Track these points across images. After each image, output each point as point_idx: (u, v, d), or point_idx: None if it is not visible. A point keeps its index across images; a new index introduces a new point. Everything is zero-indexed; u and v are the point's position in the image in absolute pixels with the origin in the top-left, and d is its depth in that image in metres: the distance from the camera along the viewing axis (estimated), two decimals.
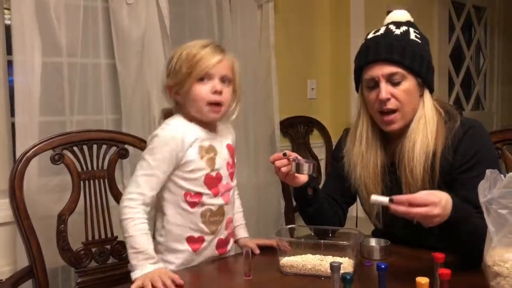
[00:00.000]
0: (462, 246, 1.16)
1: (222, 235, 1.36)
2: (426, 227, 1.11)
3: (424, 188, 1.25)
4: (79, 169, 1.65)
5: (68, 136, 1.65)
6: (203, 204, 1.31)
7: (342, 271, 0.96)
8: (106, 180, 1.70)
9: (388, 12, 3.21)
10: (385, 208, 1.35)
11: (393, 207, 1.08)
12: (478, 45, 4.29)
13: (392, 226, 1.37)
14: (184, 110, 1.34)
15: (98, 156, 1.70)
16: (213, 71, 1.26)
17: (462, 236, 1.13)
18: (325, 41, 3.03)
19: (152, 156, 1.26)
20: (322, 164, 2.99)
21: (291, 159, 1.27)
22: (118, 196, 1.70)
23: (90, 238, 1.66)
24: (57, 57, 1.96)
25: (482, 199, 0.95)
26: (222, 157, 1.35)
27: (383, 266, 0.99)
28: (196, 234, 1.32)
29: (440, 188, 1.23)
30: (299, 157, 1.29)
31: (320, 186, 1.46)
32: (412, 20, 1.37)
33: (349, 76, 2.93)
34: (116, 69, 2.11)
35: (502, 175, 0.94)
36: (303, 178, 1.33)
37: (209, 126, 1.35)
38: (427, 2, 3.55)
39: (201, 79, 1.26)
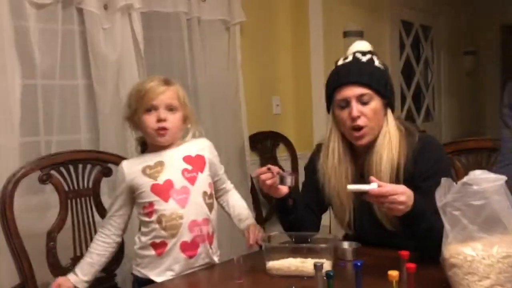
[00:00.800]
0: (421, 241, 1.33)
1: (186, 237, 1.46)
2: (391, 215, 1.30)
3: None
4: (66, 189, 1.73)
5: (56, 157, 1.74)
6: (156, 211, 1.46)
7: (324, 270, 1.11)
8: (91, 198, 1.79)
9: (345, 33, 3.47)
10: (355, 215, 1.53)
11: (371, 191, 1.24)
12: (426, 61, 4.62)
13: (361, 232, 1.54)
14: (144, 137, 1.55)
15: (84, 175, 1.78)
16: (157, 102, 1.46)
17: (421, 231, 1.30)
18: (287, 60, 3.22)
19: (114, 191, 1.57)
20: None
21: (275, 173, 1.42)
22: (103, 213, 1.79)
23: (78, 254, 1.74)
24: (36, 80, 2.04)
25: (439, 204, 1.12)
26: (173, 167, 1.50)
27: (359, 264, 1.14)
28: (158, 240, 1.47)
29: None
30: (281, 171, 1.44)
31: None
32: (372, 49, 1.56)
33: (310, 92, 3.17)
34: (92, 90, 2.20)
35: (454, 183, 1.12)
36: (284, 189, 1.47)
37: (162, 148, 1.53)
38: (379, 22, 3.81)
39: (148, 110, 1.46)
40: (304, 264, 1.30)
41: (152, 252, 1.48)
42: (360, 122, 1.44)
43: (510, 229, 1.07)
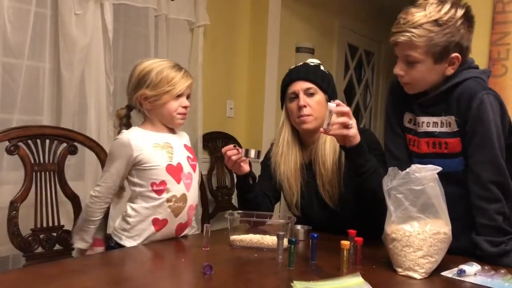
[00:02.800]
0: (365, 183, 1.51)
1: (183, 220, 1.59)
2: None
3: (333, 178, 1.67)
4: (32, 161, 1.78)
5: (25, 129, 1.78)
6: (168, 191, 1.54)
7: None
8: (56, 173, 1.85)
9: (298, 48, 3.72)
10: (303, 197, 1.73)
11: (331, 108, 1.44)
12: (367, 84, 4.98)
13: (308, 213, 1.74)
14: (148, 115, 1.60)
15: (50, 150, 1.84)
16: (184, 91, 1.61)
17: (367, 171, 1.49)
18: (243, 68, 3.40)
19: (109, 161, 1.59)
20: (235, 177, 3.29)
21: (240, 150, 1.60)
22: (66, 188, 1.86)
23: (39, 226, 1.78)
24: (4, 58, 2.07)
25: (385, 188, 1.32)
26: (181, 152, 1.62)
27: (315, 235, 1.32)
28: (161, 217, 1.55)
29: (346, 175, 1.65)
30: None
31: None
32: (321, 63, 1.82)
33: (263, 99, 3.37)
34: (59, 74, 2.25)
35: (399, 171, 1.32)
36: (246, 168, 1.66)
37: (167, 128, 1.64)
38: (328, 43, 4.10)
39: (177, 96, 1.59)
40: (264, 239, 1.46)
41: (151, 227, 1.54)
42: (306, 111, 1.69)
43: (440, 212, 1.28)
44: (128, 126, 1.65)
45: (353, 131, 1.46)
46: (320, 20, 3.94)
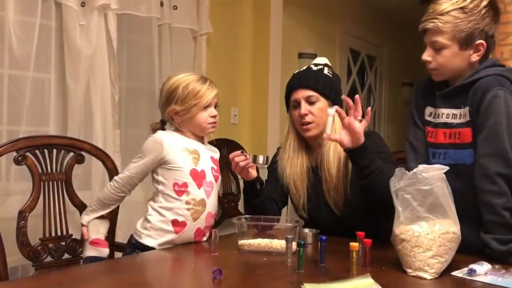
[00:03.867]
0: (370, 183, 1.52)
1: (201, 225, 1.61)
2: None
3: (338, 185, 1.67)
4: (40, 171, 1.79)
5: (32, 139, 1.79)
6: (188, 193, 1.58)
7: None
8: (63, 182, 1.86)
9: (300, 54, 3.74)
10: (310, 201, 1.73)
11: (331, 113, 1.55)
12: (370, 88, 4.99)
13: (315, 217, 1.74)
14: (180, 128, 1.67)
15: (58, 160, 1.85)
16: (211, 102, 1.65)
17: (372, 173, 1.51)
18: (247, 74, 3.41)
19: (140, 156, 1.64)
20: (241, 184, 3.29)
21: (247, 156, 1.61)
22: (73, 197, 1.87)
23: (47, 235, 1.79)
24: (11, 70, 2.09)
25: (393, 189, 1.32)
26: (207, 161, 1.66)
27: (324, 238, 1.32)
28: (180, 219, 1.58)
29: (353, 181, 1.65)
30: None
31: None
32: (329, 63, 1.82)
33: (267, 105, 3.37)
34: (65, 84, 2.27)
35: (406, 171, 1.32)
36: (254, 173, 1.67)
37: (197, 138, 1.70)
38: (330, 48, 4.12)
39: (205, 107, 1.64)
40: (272, 243, 1.46)
41: (170, 227, 1.58)
42: (308, 119, 1.70)
43: (449, 211, 1.28)
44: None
45: (359, 127, 1.50)
46: (322, 26, 3.96)
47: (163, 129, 1.70)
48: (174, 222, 1.58)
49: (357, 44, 4.57)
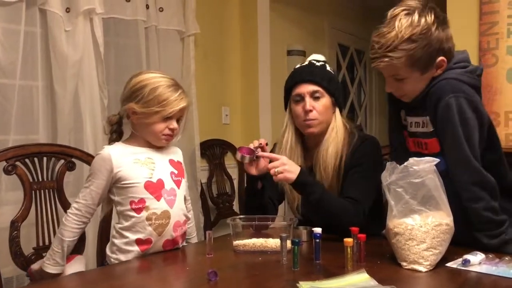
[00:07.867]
0: (313, 209, 1.57)
1: (169, 236, 1.52)
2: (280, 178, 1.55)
3: (333, 184, 1.66)
4: (31, 180, 1.78)
5: (21, 148, 1.77)
6: (147, 209, 1.49)
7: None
8: (55, 190, 1.84)
9: (289, 51, 3.74)
10: (303, 199, 1.71)
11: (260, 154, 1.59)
12: (360, 82, 5.00)
13: (310, 216, 1.72)
14: (134, 129, 1.58)
15: (48, 168, 1.83)
16: (175, 114, 1.53)
17: (312, 202, 1.55)
18: (236, 73, 3.41)
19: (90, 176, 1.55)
20: (236, 184, 3.30)
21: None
22: (66, 205, 1.85)
23: (41, 244, 1.78)
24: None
25: (384, 183, 1.32)
26: (163, 168, 1.56)
27: (318, 234, 1.31)
28: (144, 237, 1.49)
29: (344, 181, 1.64)
30: (252, 149, 1.67)
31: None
32: (326, 60, 1.79)
33: (257, 103, 3.37)
34: (52, 90, 2.25)
35: (398, 165, 1.32)
36: (254, 170, 1.66)
37: (150, 145, 1.59)
38: (319, 44, 4.11)
39: (166, 119, 1.52)
40: (267, 242, 1.45)
41: (135, 248, 1.49)
42: (312, 115, 1.66)
43: (441, 203, 1.28)
44: (119, 133, 1.62)
45: (280, 176, 1.52)
46: (309, 22, 3.96)
47: (120, 123, 1.60)
48: (138, 241, 1.49)
49: (345, 38, 4.57)
